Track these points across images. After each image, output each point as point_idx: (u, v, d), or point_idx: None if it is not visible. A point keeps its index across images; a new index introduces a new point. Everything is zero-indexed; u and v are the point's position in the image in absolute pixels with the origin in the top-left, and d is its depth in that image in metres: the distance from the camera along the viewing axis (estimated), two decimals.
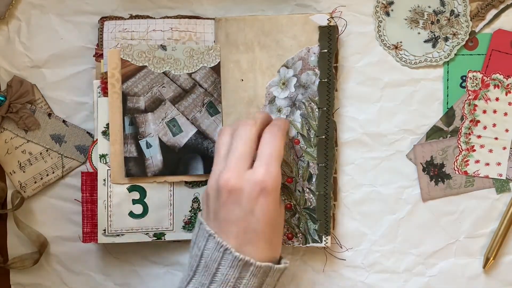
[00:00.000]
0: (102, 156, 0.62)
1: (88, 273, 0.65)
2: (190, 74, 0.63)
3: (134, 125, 0.62)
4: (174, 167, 0.62)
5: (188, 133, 0.63)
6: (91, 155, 0.63)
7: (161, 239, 0.63)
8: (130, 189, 0.63)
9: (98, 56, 0.62)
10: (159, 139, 0.62)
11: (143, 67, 0.62)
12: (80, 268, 0.65)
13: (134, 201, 0.63)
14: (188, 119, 0.62)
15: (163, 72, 0.62)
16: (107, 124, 0.62)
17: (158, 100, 0.62)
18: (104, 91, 0.62)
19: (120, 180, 0.62)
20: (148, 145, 0.62)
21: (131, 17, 0.63)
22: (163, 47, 0.62)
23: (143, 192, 0.63)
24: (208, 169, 0.62)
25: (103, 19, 0.63)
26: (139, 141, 0.62)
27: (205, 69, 0.63)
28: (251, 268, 0.51)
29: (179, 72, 0.62)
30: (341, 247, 0.64)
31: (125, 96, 0.62)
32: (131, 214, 0.63)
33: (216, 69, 0.63)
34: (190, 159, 0.62)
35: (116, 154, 0.62)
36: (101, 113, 0.62)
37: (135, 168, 0.62)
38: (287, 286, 0.64)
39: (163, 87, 0.62)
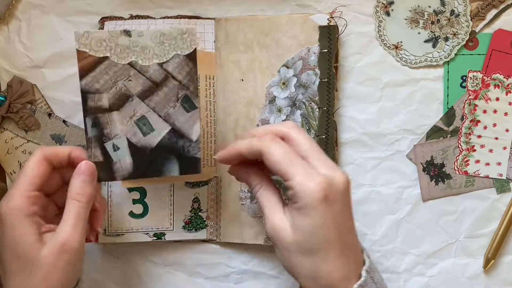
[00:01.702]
0: None
1: (88, 273, 0.64)
2: (161, 65, 0.54)
3: (98, 127, 0.54)
4: (145, 169, 0.55)
5: (160, 131, 0.55)
6: None
7: (161, 239, 0.63)
8: (130, 189, 0.63)
9: None
10: (128, 140, 0.55)
11: (104, 58, 0.53)
12: None
13: (134, 201, 0.63)
14: (160, 116, 0.55)
15: (129, 63, 0.53)
16: None
17: (124, 96, 0.54)
18: None
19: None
20: (115, 148, 0.55)
21: (131, 17, 0.63)
22: (127, 33, 0.53)
23: (143, 192, 0.63)
24: (184, 170, 0.56)
25: (103, 19, 0.63)
26: (105, 144, 0.54)
27: (178, 57, 0.54)
28: None
29: (147, 62, 0.54)
30: None
31: (84, 94, 0.53)
32: (131, 214, 0.63)
33: (192, 57, 0.54)
34: (164, 160, 0.56)
35: None
36: None
37: (101, 173, 0.55)
38: (287, 284, 0.65)
39: (129, 80, 0.54)
